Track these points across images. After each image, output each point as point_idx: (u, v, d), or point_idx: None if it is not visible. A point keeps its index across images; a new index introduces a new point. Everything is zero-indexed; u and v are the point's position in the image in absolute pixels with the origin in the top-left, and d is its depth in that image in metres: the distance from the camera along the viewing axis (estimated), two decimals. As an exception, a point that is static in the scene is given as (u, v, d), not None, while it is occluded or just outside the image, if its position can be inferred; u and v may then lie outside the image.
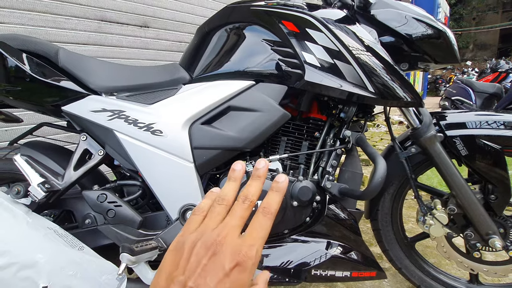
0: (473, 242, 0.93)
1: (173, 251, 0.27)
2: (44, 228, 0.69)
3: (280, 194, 0.31)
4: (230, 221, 0.28)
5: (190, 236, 0.28)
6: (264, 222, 0.29)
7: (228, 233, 0.27)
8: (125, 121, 0.77)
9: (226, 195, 0.30)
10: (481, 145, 0.86)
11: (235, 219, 0.28)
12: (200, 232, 0.28)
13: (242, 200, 0.30)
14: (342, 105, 0.88)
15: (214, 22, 0.89)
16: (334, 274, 0.82)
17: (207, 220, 0.29)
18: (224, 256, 0.25)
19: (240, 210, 0.29)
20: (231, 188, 0.31)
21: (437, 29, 0.81)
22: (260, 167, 0.32)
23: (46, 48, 0.82)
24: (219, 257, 0.25)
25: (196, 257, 0.26)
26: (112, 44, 1.98)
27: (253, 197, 0.30)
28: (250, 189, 0.31)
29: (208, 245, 0.26)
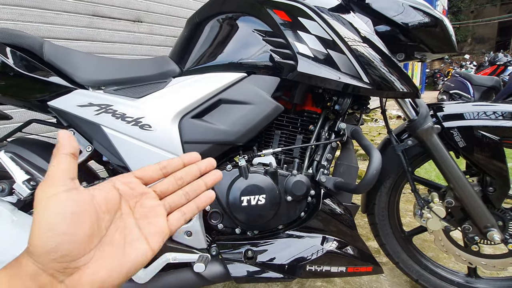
0: (471, 235, 0.92)
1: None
2: (30, 226, 0.67)
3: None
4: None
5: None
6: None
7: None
8: (112, 116, 0.75)
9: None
10: (479, 136, 0.85)
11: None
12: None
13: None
14: (337, 97, 0.86)
15: (205, 12, 0.86)
16: (329, 270, 0.80)
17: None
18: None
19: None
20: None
21: (434, 17, 0.79)
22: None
23: (31, 41, 0.79)
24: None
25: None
26: (104, 39, 1.95)
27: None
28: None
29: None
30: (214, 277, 0.82)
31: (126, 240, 0.29)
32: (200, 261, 0.76)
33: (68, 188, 0.27)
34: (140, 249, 0.29)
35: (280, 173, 0.80)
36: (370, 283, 1.18)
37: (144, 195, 0.33)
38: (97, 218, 0.28)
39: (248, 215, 0.78)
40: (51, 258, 0.25)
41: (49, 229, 0.25)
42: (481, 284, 1.02)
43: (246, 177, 0.78)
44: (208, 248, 0.81)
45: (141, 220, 0.31)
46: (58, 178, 0.27)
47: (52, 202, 0.26)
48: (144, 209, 0.32)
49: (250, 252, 0.80)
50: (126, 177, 0.32)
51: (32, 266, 0.25)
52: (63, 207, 0.26)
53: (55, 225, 0.25)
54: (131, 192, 0.32)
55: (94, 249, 0.27)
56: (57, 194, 0.26)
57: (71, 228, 0.25)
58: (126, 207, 0.31)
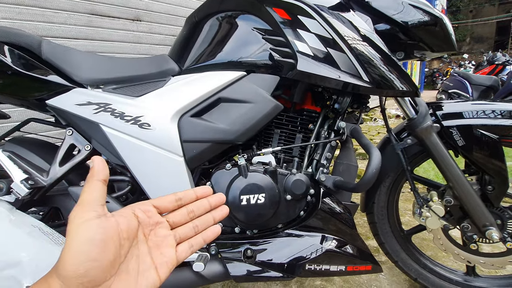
0: (470, 234, 0.92)
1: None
2: (28, 226, 0.67)
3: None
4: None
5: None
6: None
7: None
8: (111, 115, 0.74)
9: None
10: (478, 135, 0.85)
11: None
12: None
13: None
14: (336, 96, 0.86)
15: (204, 10, 0.86)
16: (329, 269, 0.80)
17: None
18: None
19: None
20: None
21: (434, 15, 0.79)
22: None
23: (29, 40, 0.79)
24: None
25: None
26: (103, 38, 1.94)
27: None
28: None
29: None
30: (214, 276, 0.82)
31: (140, 269, 0.31)
32: (199, 260, 0.76)
33: (98, 215, 0.28)
34: (150, 279, 0.31)
35: (279, 172, 0.80)
36: (369, 282, 1.19)
37: (158, 224, 0.34)
38: (119, 245, 0.29)
39: (247, 214, 0.78)
40: (79, 282, 0.26)
41: (81, 254, 0.26)
42: (479, 282, 1.02)
43: (246, 176, 0.77)
44: (207, 247, 0.81)
45: (153, 249, 0.33)
46: (91, 204, 0.29)
47: (84, 228, 0.27)
48: (157, 238, 0.34)
49: (250, 251, 0.80)
50: (145, 205, 0.34)
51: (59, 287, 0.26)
52: (94, 234, 0.27)
53: (87, 251, 0.26)
54: (148, 221, 0.33)
55: (114, 276, 0.29)
56: (89, 221, 0.28)
57: (100, 254, 0.27)
58: (141, 234, 0.33)
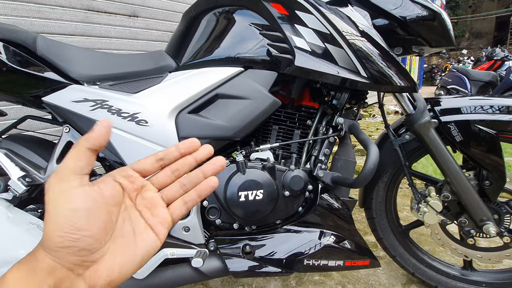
0: (467, 228, 0.93)
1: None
2: (26, 223, 0.67)
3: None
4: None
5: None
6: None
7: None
8: (108, 111, 0.74)
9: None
10: (476, 130, 0.85)
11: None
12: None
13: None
14: (334, 92, 0.86)
15: (201, 6, 0.85)
16: (327, 264, 0.81)
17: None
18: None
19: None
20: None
21: (432, 10, 0.78)
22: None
23: (24, 36, 0.78)
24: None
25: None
26: (100, 34, 1.92)
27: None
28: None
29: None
30: (212, 272, 0.82)
31: (135, 231, 0.30)
32: (198, 256, 0.76)
33: (81, 183, 0.27)
34: (149, 239, 0.30)
35: (277, 168, 0.80)
36: (367, 276, 1.20)
37: (143, 188, 0.33)
38: (108, 212, 0.28)
39: (246, 210, 0.78)
40: (69, 252, 0.25)
41: (66, 225, 0.25)
42: (476, 276, 1.03)
43: (244, 172, 0.77)
44: (206, 244, 0.82)
45: (144, 211, 0.32)
46: (72, 172, 0.27)
47: (66, 199, 0.26)
48: (145, 201, 0.32)
49: (248, 247, 0.81)
50: (125, 170, 0.32)
51: (49, 261, 0.25)
52: (78, 204, 0.26)
53: (73, 222, 0.25)
54: (131, 186, 0.32)
55: (108, 242, 0.28)
56: (69, 190, 0.26)
57: (87, 223, 0.26)
58: (128, 200, 0.31)
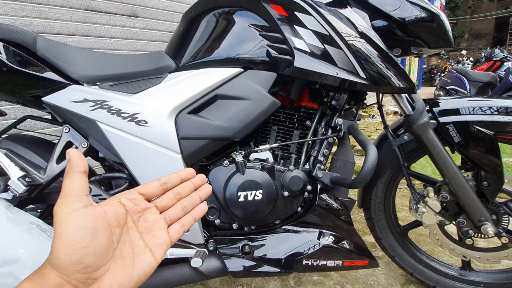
0: (466, 229, 0.93)
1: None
2: (26, 223, 0.67)
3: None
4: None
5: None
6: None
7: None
8: (108, 112, 0.74)
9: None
10: (474, 131, 0.85)
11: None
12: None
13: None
14: (333, 93, 0.86)
15: (201, 6, 0.85)
16: (326, 264, 0.81)
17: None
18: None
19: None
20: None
21: (431, 12, 0.79)
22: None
23: (24, 36, 0.78)
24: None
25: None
26: (100, 34, 1.92)
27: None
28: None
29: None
30: (212, 272, 0.82)
31: (134, 252, 0.32)
32: (197, 256, 0.76)
33: (85, 204, 0.29)
34: (147, 261, 0.32)
35: (277, 168, 0.80)
36: (366, 276, 1.20)
37: (146, 210, 0.35)
38: (110, 232, 0.30)
39: (245, 210, 0.78)
40: (75, 269, 0.26)
41: (73, 242, 0.27)
42: (474, 276, 1.04)
43: (243, 172, 0.78)
44: (205, 244, 0.82)
45: (145, 233, 0.34)
46: (75, 195, 0.29)
47: (73, 218, 0.28)
48: (147, 223, 0.35)
49: (247, 247, 0.81)
50: (130, 193, 0.35)
51: (56, 278, 0.26)
52: (85, 222, 0.28)
53: (79, 239, 0.27)
54: (135, 208, 0.34)
55: (109, 261, 0.30)
56: (77, 210, 0.28)
57: (92, 241, 0.28)
58: (130, 221, 0.33)
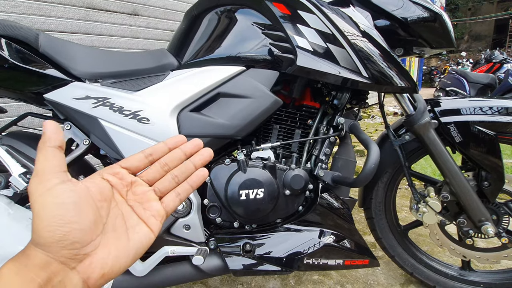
0: (466, 229, 0.93)
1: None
2: (26, 220, 0.67)
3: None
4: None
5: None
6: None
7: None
8: (110, 109, 0.74)
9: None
10: (475, 131, 0.85)
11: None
12: None
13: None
14: (335, 92, 0.86)
15: (203, 4, 0.85)
16: (327, 263, 0.81)
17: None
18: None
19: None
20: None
21: (433, 12, 0.79)
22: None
23: (26, 33, 0.78)
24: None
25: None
26: (101, 33, 1.92)
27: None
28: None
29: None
30: (212, 270, 0.82)
31: (127, 225, 0.31)
32: (198, 254, 0.76)
33: (62, 180, 0.27)
34: (142, 232, 0.31)
35: (278, 167, 0.80)
36: (366, 276, 1.20)
37: (133, 184, 0.33)
38: (96, 207, 0.28)
39: (246, 209, 0.78)
40: (61, 246, 0.25)
41: (54, 219, 0.25)
42: (474, 277, 1.04)
43: (245, 171, 0.78)
44: (206, 242, 0.82)
45: (136, 206, 0.32)
46: (50, 172, 0.27)
47: (51, 194, 0.26)
48: (136, 196, 0.33)
49: (248, 246, 0.81)
50: (112, 168, 0.33)
51: (42, 256, 0.25)
52: (64, 198, 0.26)
53: (60, 215, 0.25)
54: (120, 182, 0.32)
55: (99, 236, 0.28)
56: (53, 187, 0.26)
57: (75, 216, 0.26)
58: (118, 196, 0.32)
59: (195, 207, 0.79)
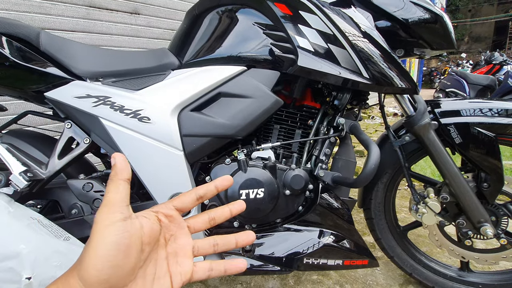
0: (465, 230, 0.94)
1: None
2: (27, 218, 0.67)
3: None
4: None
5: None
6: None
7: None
8: (110, 108, 0.74)
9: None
10: (475, 133, 0.86)
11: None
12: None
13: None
14: (336, 92, 0.87)
15: (205, 4, 0.85)
16: (326, 263, 0.81)
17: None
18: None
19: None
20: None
21: (434, 13, 0.79)
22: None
23: (27, 31, 0.78)
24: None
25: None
26: (101, 31, 1.92)
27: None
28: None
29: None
30: (212, 270, 0.82)
31: (156, 275, 0.30)
32: (198, 253, 0.76)
33: (125, 217, 0.27)
34: (165, 287, 0.30)
35: (278, 167, 0.81)
36: (365, 276, 1.20)
37: (179, 230, 0.33)
38: (141, 250, 0.28)
39: (246, 208, 0.78)
40: (100, 287, 0.25)
41: (106, 259, 0.25)
42: (473, 278, 1.04)
43: (245, 171, 0.78)
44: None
45: (171, 255, 0.32)
46: (118, 205, 0.27)
47: (111, 231, 0.26)
48: (177, 245, 0.32)
49: (248, 245, 0.81)
50: (167, 208, 0.33)
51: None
52: (120, 238, 0.26)
53: (112, 256, 0.26)
54: (170, 225, 0.32)
55: (132, 282, 0.28)
56: (116, 223, 0.26)
57: (123, 260, 0.26)
58: (162, 239, 0.32)
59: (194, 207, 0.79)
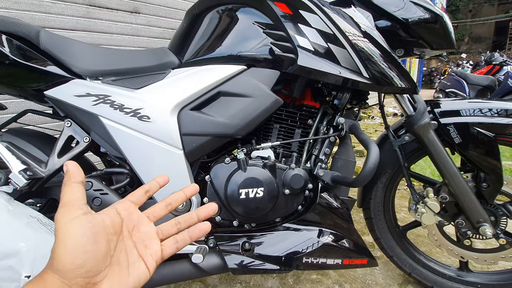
0: (464, 230, 0.94)
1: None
2: (26, 217, 0.67)
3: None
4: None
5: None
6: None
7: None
8: (110, 106, 0.74)
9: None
10: (474, 133, 0.86)
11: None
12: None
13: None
14: (336, 92, 0.87)
15: (205, 3, 0.85)
16: (325, 262, 0.82)
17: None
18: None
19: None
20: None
21: (434, 13, 0.79)
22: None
23: (27, 29, 0.78)
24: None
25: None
26: (101, 30, 1.91)
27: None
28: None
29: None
30: (211, 269, 0.82)
31: (129, 260, 0.33)
32: (198, 252, 0.76)
33: (85, 212, 0.31)
34: (141, 269, 0.34)
35: (278, 166, 0.81)
36: (364, 276, 1.21)
37: (139, 220, 0.37)
38: (108, 239, 0.31)
39: (246, 207, 0.78)
40: (78, 274, 0.28)
41: (76, 247, 0.28)
42: (472, 277, 1.05)
43: (245, 170, 0.78)
44: (205, 240, 0.82)
45: (138, 243, 0.35)
46: (75, 204, 0.31)
47: (75, 224, 0.29)
48: (140, 233, 0.36)
49: (247, 244, 0.81)
50: (124, 204, 0.37)
51: (58, 282, 0.27)
52: (86, 228, 0.29)
53: (81, 244, 0.28)
54: (130, 216, 0.36)
55: (108, 267, 0.31)
56: (78, 218, 0.30)
57: (94, 245, 0.29)
58: (126, 230, 0.35)
59: (194, 205, 0.80)
